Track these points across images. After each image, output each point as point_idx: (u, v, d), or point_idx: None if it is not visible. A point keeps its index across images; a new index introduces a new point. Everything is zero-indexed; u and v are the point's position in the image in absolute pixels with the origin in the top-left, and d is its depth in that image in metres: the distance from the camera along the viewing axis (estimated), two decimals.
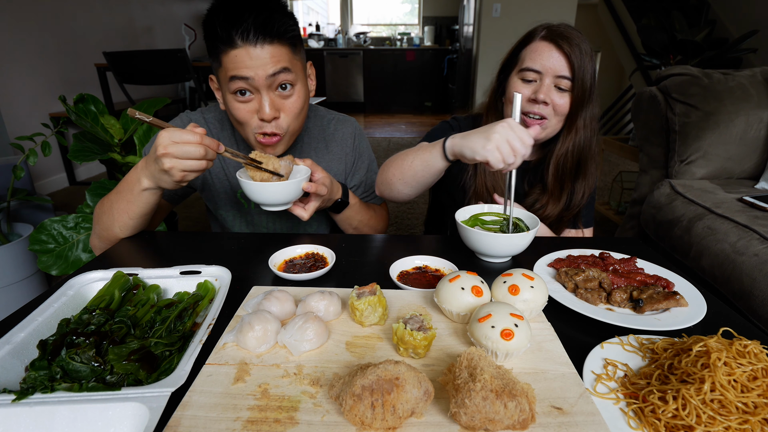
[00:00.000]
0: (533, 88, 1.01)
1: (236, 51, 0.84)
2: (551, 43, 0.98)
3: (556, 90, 1.00)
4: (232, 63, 0.85)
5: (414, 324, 0.55)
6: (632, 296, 0.69)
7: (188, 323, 0.63)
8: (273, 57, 0.85)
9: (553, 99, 0.99)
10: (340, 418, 0.46)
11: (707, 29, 3.27)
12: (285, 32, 0.87)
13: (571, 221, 1.14)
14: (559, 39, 0.97)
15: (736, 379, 0.46)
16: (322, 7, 8.56)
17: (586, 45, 0.97)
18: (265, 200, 0.85)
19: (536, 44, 1.00)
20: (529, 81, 1.01)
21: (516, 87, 1.02)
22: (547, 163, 1.08)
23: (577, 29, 0.99)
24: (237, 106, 0.90)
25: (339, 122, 1.17)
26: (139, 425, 0.46)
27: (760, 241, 1.36)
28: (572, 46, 0.96)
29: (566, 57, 0.96)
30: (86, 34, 3.87)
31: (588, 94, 0.99)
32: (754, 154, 1.89)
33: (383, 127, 6.46)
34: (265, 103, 0.88)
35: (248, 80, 0.86)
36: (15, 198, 1.87)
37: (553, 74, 0.98)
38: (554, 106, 1.00)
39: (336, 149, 1.14)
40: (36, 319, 0.60)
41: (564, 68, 0.97)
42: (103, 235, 0.94)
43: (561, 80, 0.98)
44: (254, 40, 0.83)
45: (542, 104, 1.00)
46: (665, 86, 1.95)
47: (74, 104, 1.71)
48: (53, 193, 3.56)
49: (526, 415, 0.43)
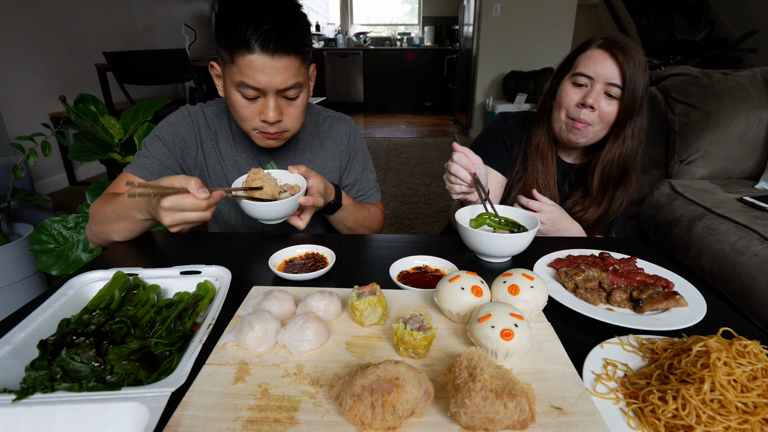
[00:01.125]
0: (583, 93, 1.03)
1: (252, 57, 0.83)
2: (606, 51, 1.00)
3: (606, 97, 1.01)
4: (246, 68, 0.84)
5: (414, 324, 0.55)
6: (632, 296, 0.69)
7: (188, 323, 0.63)
8: (286, 70, 0.86)
9: (601, 105, 1.01)
10: (340, 418, 0.46)
11: (707, 29, 3.28)
12: (302, 46, 0.87)
13: (605, 228, 1.17)
14: (615, 48, 0.99)
15: (735, 379, 0.46)
16: (322, 7, 8.56)
17: (642, 57, 0.99)
18: (264, 217, 0.87)
19: (592, 51, 1.03)
20: (580, 85, 1.03)
21: (567, 91, 1.05)
22: (593, 168, 1.11)
23: (634, 42, 1.01)
24: (242, 104, 0.90)
25: (334, 120, 1.18)
26: (139, 425, 0.46)
27: (760, 241, 1.36)
28: (627, 57, 0.98)
29: (619, 66, 0.98)
30: (86, 34, 3.87)
31: (638, 104, 1.01)
32: (754, 154, 1.89)
33: (383, 127, 6.46)
34: (271, 108, 0.89)
35: (258, 89, 0.87)
36: (15, 198, 1.87)
37: (605, 81, 1.00)
38: (600, 112, 1.02)
39: (331, 146, 1.15)
40: (36, 319, 0.60)
41: (616, 76, 0.99)
42: (102, 237, 0.94)
43: (611, 87, 0.99)
44: (272, 51, 0.83)
45: (589, 109, 1.02)
46: (665, 86, 1.95)
47: (74, 104, 1.71)
48: (53, 193, 3.56)
49: (526, 415, 0.43)
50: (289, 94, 0.90)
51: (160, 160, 0.99)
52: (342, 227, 1.12)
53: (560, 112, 1.07)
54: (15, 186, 1.84)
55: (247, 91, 0.87)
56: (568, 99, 1.05)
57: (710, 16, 4.44)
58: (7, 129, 3.07)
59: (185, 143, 1.03)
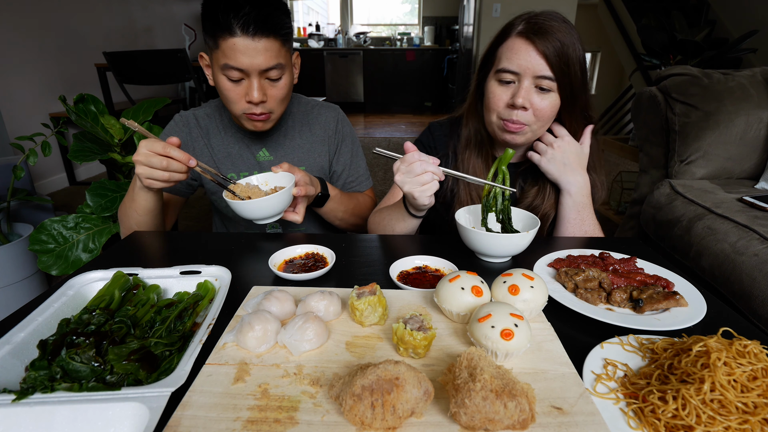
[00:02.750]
0: (512, 90, 0.91)
1: (234, 40, 0.89)
2: (527, 40, 0.88)
3: (538, 91, 0.90)
4: (229, 50, 0.90)
5: (414, 324, 0.55)
6: (632, 296, 0.69)
7: (188, 323, 0.63)
8: (267, 51, 0.91)
9: (534, 102, 0.90)
10: (340, 418, 0.46)
11: (707, 29, 3.28)
12: (281, 28, 0.93)
13: None
14: (535, 35, 0.86)
15: (736, 379, 0.46)
16: (322, 7, 8.56)
17: (570, 35, 0.87)
18: (259, 215, 0.88)
19: (512, 42, 0.90)
20: (507, 82, 0.91)
21: (493, 91, 0.93)
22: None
23: (560, 17, 0.89)
24: (228, 86, 0.96)
25: (322, 107, 1.23)
26: (139, 425, 0.46)
27: (760, 241, 1.36)
28: (551, 41, 0.86)
29: (544, 55, 0.86)
30: (86, 34, 3.87)
31: (578, 88, 0.91)
32: (754, 154, 1.89)
33: (383, 127, 6.46)
34: (255, 89, 0.94)
35: (242, 71, 0.92)
36: (15, 198, 1.87)
37: (532, 75, 0.88)
38: (535, 110, 0.91)
39: (319, 131, 1.19)
40: (36, 319, 0.60)
41: (543, 67, 0.87)
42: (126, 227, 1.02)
43: (542, 80, 0.88)
44: (252, 33, 0.89)
45: (521, 109, 0.91)
46: (665, 86, 1.95)
47: (74, 104, 1.71)
48: (53, 193, 3.56)
49: (526, 415, 0.43)
50: (272, 75, 0.95)
51: None
52: (334, 219, 1.14)
53: (490, 114, 0.96)
54: (15, 186, 1.84)
55: (231, 73, 0.93)
56: (495, 100, 0.93)
57: (710, 16, 4.44)
58: (7, 129, 3.07)
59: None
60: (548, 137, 0.99)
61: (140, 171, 0.84)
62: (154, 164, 0.83)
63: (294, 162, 1.15)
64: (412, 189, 0.83)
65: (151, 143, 0.83)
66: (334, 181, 1.24)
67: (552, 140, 0.98)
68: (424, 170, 0.82)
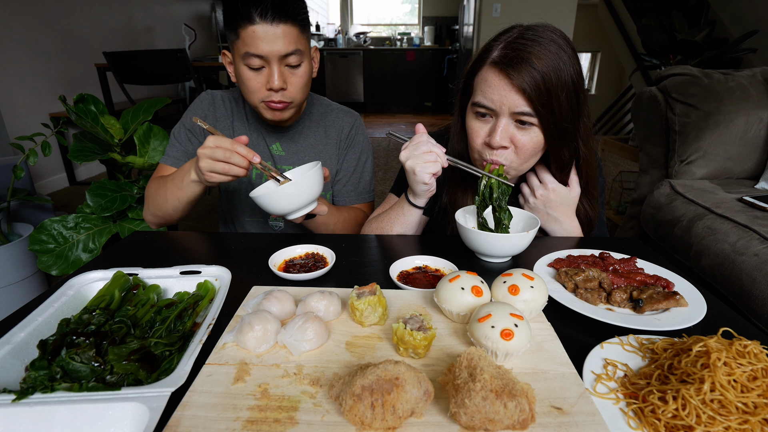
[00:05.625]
0: (490, 127, 0.84)
1: (254, 27, 0.92)
2: (501, 72, 0.78)
3: (518, 125, 0.82)
4: (249, 38, 0.93)
5: (414, 324, 0.55)
6: (632, 296, 0.69)
7: (188, 323, 0.63)
8: (286, 36, 0.94)
9: (515, 140, 0.83)
10: (340, 418, 0.46)
11: (707, 29, 3.27)
12: (298, 14, 0.96)
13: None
14: (510, 68, 0.77)
15: (736, 379, 0.46)
16: (322, 7, 8.55)
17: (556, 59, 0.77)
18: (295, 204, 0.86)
19: (485, 72, 0.82)
20: (484, 115, 0.84)
21: (471, 125, 0.87)
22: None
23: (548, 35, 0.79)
24: (249, 76, 0.97)
25: (341, 111, 1.23)
26: (139, 425, 0.46)
27: (760, 241, 1.36)
28: (526, 73, 0.76)
29: (520, 91, 0.77)
30: (86, 34, 3.87)
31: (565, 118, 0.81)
32: (754, 154, 1.89)
33: (383, 127, 6.46)
34: (275, 75, 0.96)
35: (262, 58, 0.94)
36: (15, 198, 1.87)
37: (509, 111, 0.80)
38: (516, 148, 0.84)
39: (333, 134, 1.20)
40: (36, 319, 0.60)
41: (521, 103, 0.78)
42: (157, 214, 1.04)
43: (520, 116, 0.80)
44: (270, 19, 0.92)
45: (500, 149, 0.84)
46: (665, 86, 1.95)
47: (74, 104, 1.71)
48: (53, 193, 3.56)
49: (526, 415, 0.43)
50: (291, 61, 0.97)
51: (183, 145, 1.11)
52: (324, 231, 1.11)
53: (472, 150, 0.90)
54: (15, 186, 1.84)
55: (252, 60, 0.95)
56: (474, 136, 0.87)
57: (710, 16, 4.44)
58: (7, 129, 3.07)
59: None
60: (533, 181, 0.94)
61: (204, 164, 0.83)
62: (219, 157, 0.82)
63: (304, 161, 1.14)
64: (415, 164, 0.84)
65: (219, 139, 0.83)
66: (333, 185, 1.22)
67: (535, 186, 0.93)
68: (430, 150, 0.84)
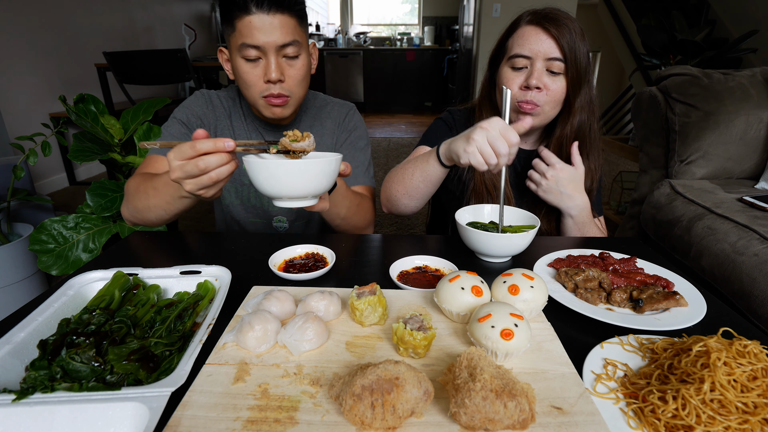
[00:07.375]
0: (525, 75, 0.98)
1: (250, 17, 0.90)
2: (538, 26, 0.95)
3: (549, 74, 0.96)
4: (246, 29, 0.91)
5: (414, 324, 0.55)
6: (632, 296, 0.69)
7: (188, 323, 0.63)
8: (282, 27, 0.92)
9: (546, 83, 0.96)
10: (340, 418, 0.46)
11: (707, 29, 3.28)
12: (295, 4, 0.95)
13: None
14: (545, 21, 0.94)
15: (735, 379, 0.46)
16: (322, 7, 8.55)
17: (575, 24, 0.95)
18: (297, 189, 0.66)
19: (522, 29, 0.98)
20: (519, 68, 0.98)
21: (507, 76, 1.00)
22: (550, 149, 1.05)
23: (564, 11, 0.97)
24: (246, 69, 0.96)
25: (336, 104, 1.24)
26: (139, 425, 0.46)
27: (760, 241, 1.36)
28: (560, 27, 0.93)
29: (555, 38, 0.93)
30: (86, 34, 3.87)
31: (584, 74, 0.97)
32: (754, 154, 1.89)
33: (383, 127, 6.46)
34: (272, 66, 0.95)
35: (259, 48, 0.93)
36: (15, 198, 1.87)
37: (544, 57, 0.95)
38: (548, 91, 0.97)
39: (329, 124, 1.20)
40: (36, 319, 0.60)
41: (554, 50, 0.94)
42: (137, 216, 0.94)
43: (553, 63, 0.95)
44: (267, 9, 0.90)
45: (535, 90, 0.96)
46: (665, 86, 1.95)
47: (74, 104, 1.71)
48: (53, 193, 3.56)
49: (526, 415, 0.43)
50: (289, 52, 0.95)
51: (177, 138, 1.06)
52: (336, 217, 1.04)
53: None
54: (15, 186, 1.84)
55: (248, 52, 0.93)
56: (510, 84, 0.99)
57: (710, 16, 4.44)
58: (7, 129, 3.07)
59: (201, 120, 1.09)
60: (541, 166, 1.02)
61: (189, 186, 0.69)
62: (195, 172, 0.67)
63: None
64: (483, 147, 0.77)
65: (178, 151, 0.67)
66: None
67: (544, 170, 1.01)
68: (497, 144, 0.77)
